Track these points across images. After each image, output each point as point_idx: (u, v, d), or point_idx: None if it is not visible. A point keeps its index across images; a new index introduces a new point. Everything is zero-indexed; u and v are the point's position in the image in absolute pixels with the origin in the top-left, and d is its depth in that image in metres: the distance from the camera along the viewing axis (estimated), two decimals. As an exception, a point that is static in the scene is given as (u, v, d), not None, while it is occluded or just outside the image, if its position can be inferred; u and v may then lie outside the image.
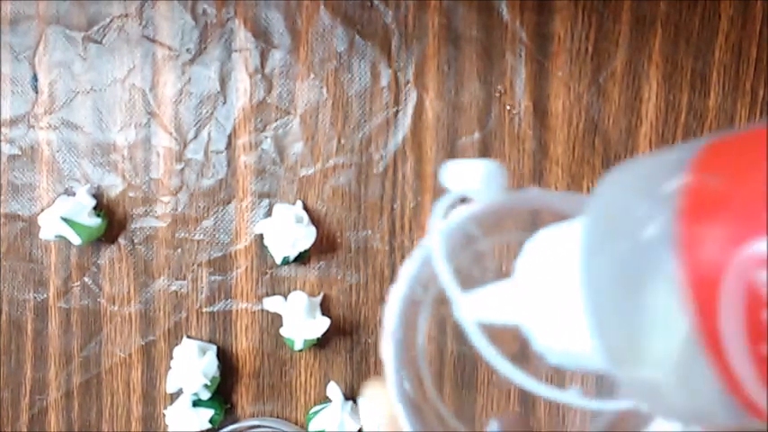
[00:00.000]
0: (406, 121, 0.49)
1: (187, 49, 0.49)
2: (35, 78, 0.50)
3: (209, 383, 0.48)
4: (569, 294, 0.16)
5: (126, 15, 0.49)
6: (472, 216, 0.24)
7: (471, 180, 0.22)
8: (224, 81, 0.49)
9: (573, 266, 0.16)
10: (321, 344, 0.49)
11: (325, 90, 0.49)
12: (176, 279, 0.50)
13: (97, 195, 0.50)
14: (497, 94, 0.48)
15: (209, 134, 0.49)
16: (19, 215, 0.50)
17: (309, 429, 0.49)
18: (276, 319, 0.50)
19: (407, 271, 0.21)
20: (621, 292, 0.15)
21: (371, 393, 0.22)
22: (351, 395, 0.50)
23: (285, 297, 0.49)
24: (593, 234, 0.16)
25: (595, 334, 0.16)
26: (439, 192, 0.49)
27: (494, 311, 0.20)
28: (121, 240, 0.50)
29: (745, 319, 0.13)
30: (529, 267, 0.19)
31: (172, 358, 0.49)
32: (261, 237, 0.49)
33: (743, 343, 0.13)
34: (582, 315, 0.16)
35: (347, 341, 0.50)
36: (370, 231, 0.49)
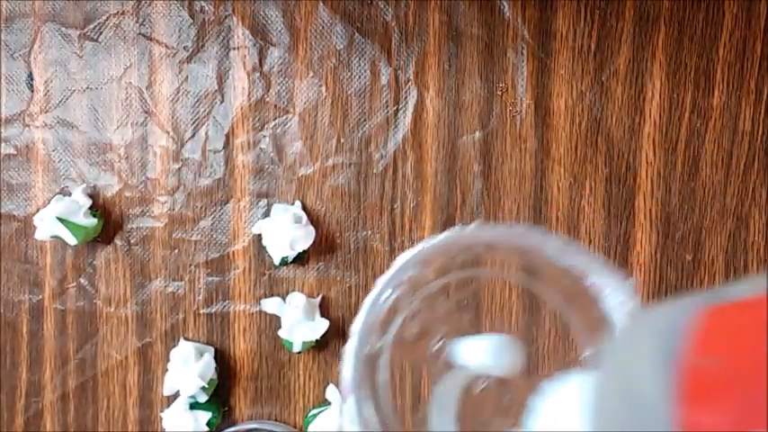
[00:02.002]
0: (406, 119, 0.48)
1: (184, 47, 0.48)
2: (30, 77, 0.49)
3: (206, 386, 0.47)
4: None
5: (122, 13, 0.48)
6: (418, 261, 0.25)
7: (484, 356, 0.24)
8: (221, 79, 0.48)
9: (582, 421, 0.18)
10: (320, 346, 0.49)
11: (324, 88, 0.48)
12: (173, 280, 0.49)
13: (93, 195, 0.49)
14: (499, 93, 0.48)
15: (206, 133, 0.49)
16: (14, 215, 0.50)
17: (308, 432, 0.49)
18: (274, 321, 0.49)
19: (358, 322, 0.23)
20: None
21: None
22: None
23: (283, 298, 0.48)
24: (601, 409, 0.17)
25: None
26: (439, 191, 0.48)
27: None
28: (118, 241, 0.49)
29: None
30: (550, 410, 0.20)
31: (168, 360, 0.49)
32: (259, 237, 0.49)
33: None
34: None
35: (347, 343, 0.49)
36: (369, 231, 0.49)
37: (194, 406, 0.48)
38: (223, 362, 0.50)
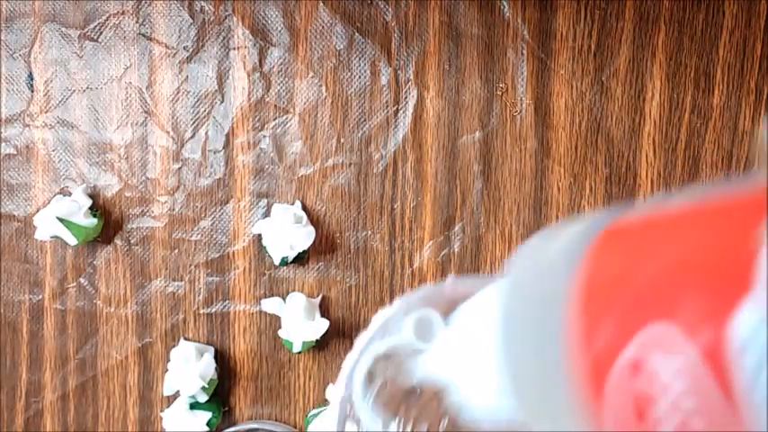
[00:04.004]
0: (406, 119, 0.48)
1: (184, 47, 0.48)
2: (31, 77, 0.49)
3: (206, 386, 0.47)
4: (489, 353, 0.18)
5: (122, 13, 0.48)
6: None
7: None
8: (222, 79, 0.48)
9: (492, 331, 0.18)
10: (320, 346, 0.49)
11: (324, 88, 0.48)
12: (173, 280, 0.49)
13: (93, 195, 0.49)
14: (499, 93, 0.48)
15: (206, 133, 0.49)
16: (14, 215, 0.50)
17: (308, 432, 0.49)
18: (274, 321, 0.49)
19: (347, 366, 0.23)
20: (531, 361, 0.17)
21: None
22: (350, 398, 0.49)
23: (284, 298, 0.48)
24: (509, 305, 0.18)
25: (509, 389, 0.18)
26: (439, 191, 0.48)
27: (433, 366, 0.22)
28: (118, 241, 0.49)
29: (633, 410, 0.13)
30: (460, 327, 0.21)
31: (169, 360, 0.49)
32: (259, 237, 0.49)
33: (630, 428, 0.13)
34: (498, 372, 0.18)
35: (346, 343, 0.49)
36: (369, 232, 0.49)
37: (194, 406, 0.48)
38: (223, 362, 0.50)
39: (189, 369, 0.47)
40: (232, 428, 0.50)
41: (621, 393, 0.13)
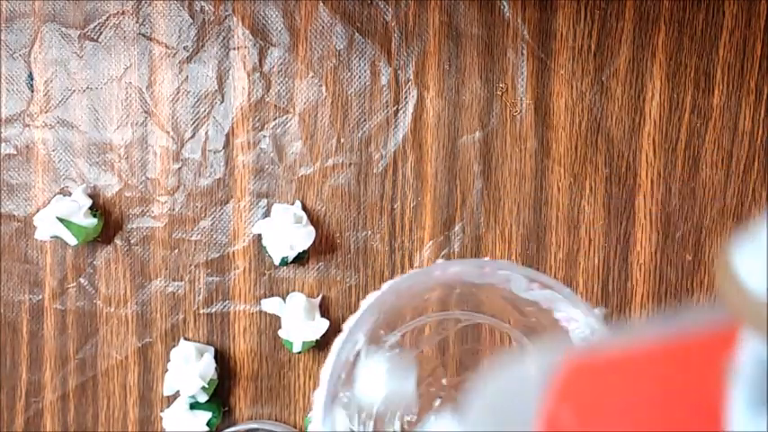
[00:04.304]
0: (406, 119, 0.48)
1: (184, 47, 0.48)
2: (31, 77, 0.49)
3: (206, 386, 0.47)
4: None
5: (122, 13, 0.48)
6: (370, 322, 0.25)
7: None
8: (222, 79, 0.48)
9: None
10: (320, 346, 0.49)
11: (324, 88, 0.48)
12: (173, 280, 0.49)
13: (93, 195, 0.49)
14: (499, 93, 0.48)
15: (206, 133, 0.49)
16: (14, 215, 0.50)
17: (308, 432, 0.49)
18: (274, 321, 0.49)
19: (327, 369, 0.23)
20: None
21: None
22: (350, 398, 0.49)
23: (284, 298, 0.48)
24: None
25: None
26: (439, 191, 0.48)
27: None
28: (118, 241, 0.49)
29: None
30: None
31: (169, 360, 0.49)
32: (259, 237, 0.49)
33: None
34: None
35: (346, 343, 0.49)
36: (369, 232, 0.49)
37: (194, 406, 0.48)
38: (223, 362, 0.50)
39: (189, 369, 0.47)
40: (232, 428, 0.50)
41: None
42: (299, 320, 0.47)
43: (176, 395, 0.49)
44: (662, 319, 0.14)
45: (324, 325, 0.47)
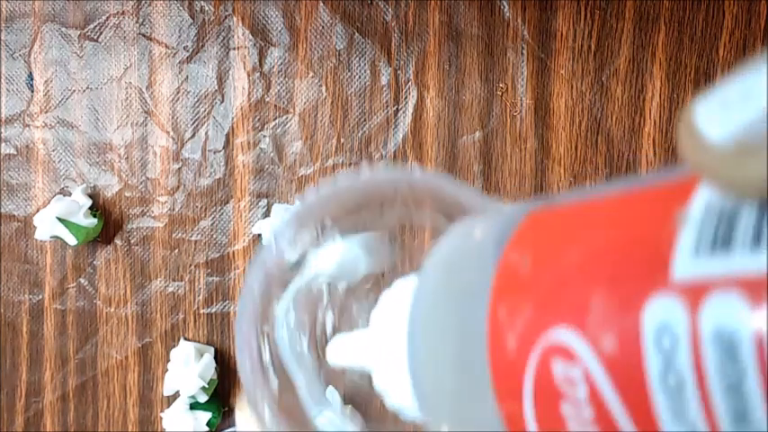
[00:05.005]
0: (406, 119, 0.48)
1: (184, 47, 0.48)
2: (30, 77, 0.49)
3: (206, 386, 0.47)
4: (401, 348, 0.18)
5: (122, 13, 0.48)
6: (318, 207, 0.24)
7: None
8: (222, 79, 0.48)
9: (404, 323, 0.18)
10: (320, 346, 0.49)
11: (324, 88, 0.48)
12: (173, 280, 0.49)
13: (93, 195, 0.49)
14: (499, 93, 0.48)
15: (206, 133, 0.49)
16: (14, 215, 0.50)
17: (308, 432, 0.49)
18: (274, 321, 0.49)
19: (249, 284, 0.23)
20: (440, 358, 0.16)
21: (242, 404, 0.23)
22: (350, 399, 0.49)
23: (284, 298, 0.48)
24: (423, 295, 0.17)
25: (415, 392, 0.17)
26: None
27: (349, 356, 0.21)
28: (118, 241, 0.49)
29: (542, 411, 0.13)
30: (378, 317, 0.20)
31: (169, 360, 0.49)
32: (259, 237, 0.49)
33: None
34: (406, 373, 0.17)
35: (346, 343, 0.49)
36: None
37: (194, 406, 0.48)
38: (223, 362, 0.50)
39: (189, 369, 0.47)
40: (232, 429, 0.50)
41: (533, 398, 0.13)
42: (299, 320, 0.47)
43: (176, 395, 0.49)
44: (624, 180, 0.13)
45: (324, 325, 0.47)
